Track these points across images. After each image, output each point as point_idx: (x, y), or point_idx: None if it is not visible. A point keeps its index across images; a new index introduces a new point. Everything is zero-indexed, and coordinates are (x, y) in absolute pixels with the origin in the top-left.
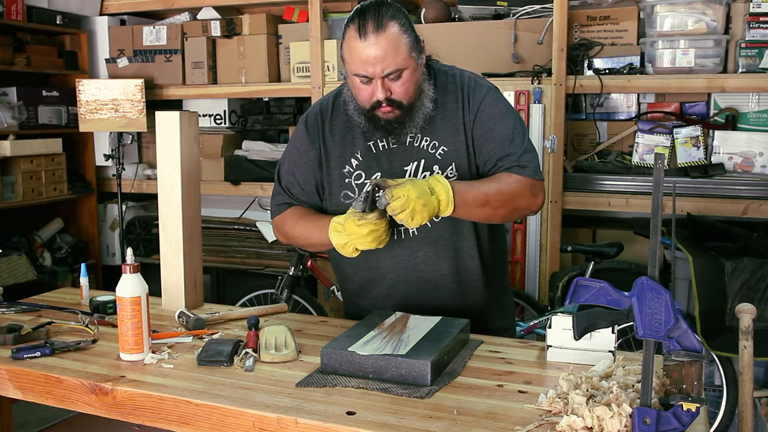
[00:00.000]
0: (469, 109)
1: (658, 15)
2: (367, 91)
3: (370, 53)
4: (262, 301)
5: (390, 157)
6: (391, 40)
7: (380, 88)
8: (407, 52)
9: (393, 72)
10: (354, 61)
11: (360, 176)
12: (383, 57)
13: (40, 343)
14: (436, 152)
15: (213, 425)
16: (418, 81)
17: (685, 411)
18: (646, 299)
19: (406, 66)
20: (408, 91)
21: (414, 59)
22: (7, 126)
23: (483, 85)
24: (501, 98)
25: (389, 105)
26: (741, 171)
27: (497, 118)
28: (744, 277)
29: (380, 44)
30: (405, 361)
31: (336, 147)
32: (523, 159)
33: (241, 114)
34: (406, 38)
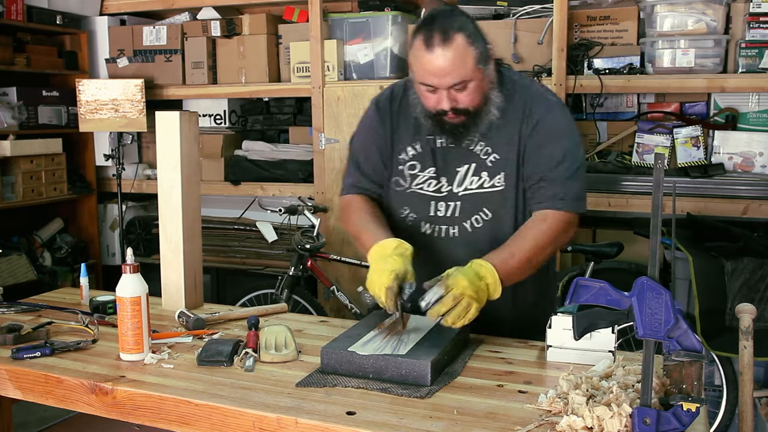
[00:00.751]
0: (528, 121)
1: (658, 15)
2: (433, 99)
3: (436, 65)
4: (262, 301)
5: (445, 155)
6: (457, 52)
7: (446, 98)
8: (473, 63)
9: (458, 84)
10: (420, 71)
11: (414, 167)
12: (449, 70)
13: (40, 343)
14: (488, 158)
15: (213, 425)
16: (484, 90)
17: (685, 411)
18: (646, 299)
19: (472, 78)
20: (474, 100)
21: (480, 70)
22: (7, 126)
23: (549, 100)
24: (564, 117)
25: (454, 113)
26: (741, 171)
27: (552, 136)
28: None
29: (447, 57)
30: (405, 361)
31: (400, 131)
32: (564, 189)
33: (241, 114)
34: (473, 50)
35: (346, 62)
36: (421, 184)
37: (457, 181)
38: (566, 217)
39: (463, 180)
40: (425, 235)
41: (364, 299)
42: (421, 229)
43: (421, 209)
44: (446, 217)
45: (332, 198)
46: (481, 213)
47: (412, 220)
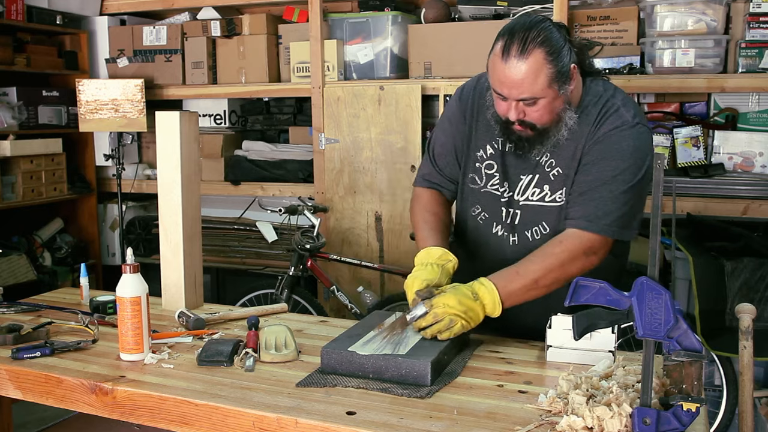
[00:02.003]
0: (593, 135)
1: (658, 15)
2: (503, 107)
3: (507, 76)
4: (262, 301)
5: (512, 161)
6: (532, 67)
7: (513, 109)
8: (546, 82)
9: (528, 99)
10: (494, 77)
11: (491, 166)
12: (520, 83)
13: (40, 343)
14: (551, 172)
15: (213, 425)
16: (555, 110)
17: (685, 411)
18: (646, 299)
19: (543, 96)
20: (542, 117)
21: (554, 90)
22: (7, 126)
23: (623, 117)
24: (634, 138)
25: (521, 125)
26: (741, 171)
27: (610, 154)
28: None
29: (520, 69)
30: (405, 361)
31: (479, 127)
32: (599, 210)
33: (241, 114)
34: (549, 68)
35: (346, 62)
36: (495, 184)
37: (518, 189)
38: (591, 239)
39: (525, 189)
40: (497, 236)
41: (364, 299)
42: (493, 229)
43: (494, 210)
44: (507, 223)
45: (332, 198)
46: (540, 226)
47: (484, 220)
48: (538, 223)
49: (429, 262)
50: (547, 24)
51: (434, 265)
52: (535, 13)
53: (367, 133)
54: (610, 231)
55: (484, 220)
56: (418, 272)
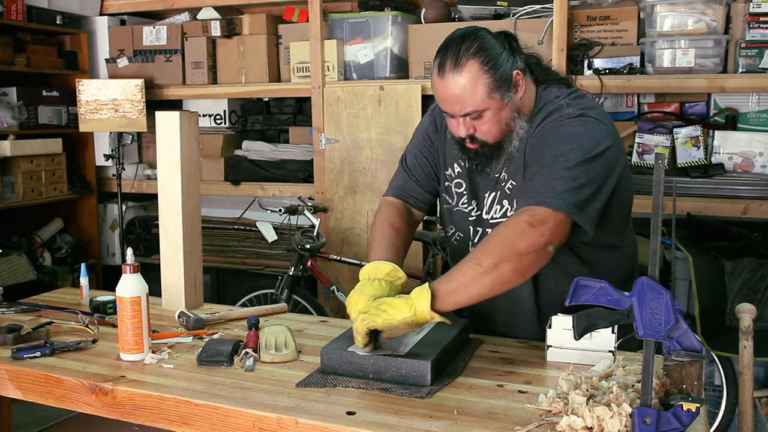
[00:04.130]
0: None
1: (658, 15)
2: (453, 124)
3: (446, 92)
4: (262, 301)
5: (478, 180)
6: (468, 80)
7: (461, 125)
8: (485, 93)
9: (471, 113)
10: (437, 97)
11: (460, 185)
12: (460, 98)
13: (40, 343)
14: (505, 186)
15: (213, 425)
16: (503, 120)
17: (685, 411)
18: (646, 299)
19: (486, 107)
20: (491, 130)
21: (496, 100)
22: (7, 126)
23: (563, 112)
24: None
25: (473, 142)
26: (741, 171)
27: (547, 142)
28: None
29: (456, 83)
30: (405, 361)
31: (447, 145)
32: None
33: (241, 114)
34: (487, 77)
35: (346, 62)
36: (466, 203)
37: (486, 207)
38: (534, 211)
39: (490, 208)
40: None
41: None
42: (468, 248)
43: (465, 230)
44: (476, 242)
45: (332, 198)
46: None
47: (458, 240)
48: None
49: (377, 278)
50: (481, 33)
51: (381, 281)
52: (535, 13)
53: (367, 133)
54: (554, 203)
55: (458, 240)
56: (364, 287)
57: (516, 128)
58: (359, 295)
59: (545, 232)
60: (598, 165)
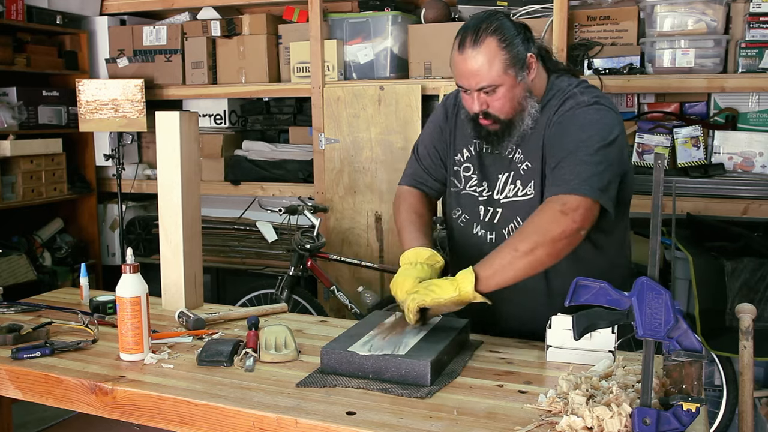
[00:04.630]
0: (551, 121)
1: (658, 15)
2: (468, 102)
3: (464, 67)
4: (262, 301)
5: (488, 162)
6: (485, 56)
7: (476, 101)
8: (502, 68)
9: (486, 87)
10: (455, 71)
11: (468, 169)
12: (476, 72)
13: (40, 343)
14: (521, 166)
15: (213, 425)
16: (516, 98)
17: (685, 411)
18: (646, 299)
19: (501, 83)
20: (504, 107)
21: (511, 76)
22: (7, 126)
23: (579, 100)
24: (592, 113)
25: (486, 118)
26: (741, 171)
27: (569, 130)
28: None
29: (475, 59)
30: (405, 361)
31: (458, 132)
32: (569, 172)
33: (241, 114)
34: (503, 54)
35: (346, 62)
36: (474, 186)
37: (497, 188)
38: (564, 199)
39: (503, 188)
40: (477, 236)
41: (364, 299)
42: (473, 230)
43: (473, 211)
44: (488, 222)
45: (332, 198)
46: (515, 221)
47: (464, 222)
48: (514, 219)
49: (419, 262)
50: (500, 15)
51: (424, 265)
52: (535, 13)
53: (367, 133)
54: (583, 189)
55: (465, 221)
56: (409, 271)
57: (527, 107)
58: (405, 278)
59: (577, 219)
60: (615, 150)
